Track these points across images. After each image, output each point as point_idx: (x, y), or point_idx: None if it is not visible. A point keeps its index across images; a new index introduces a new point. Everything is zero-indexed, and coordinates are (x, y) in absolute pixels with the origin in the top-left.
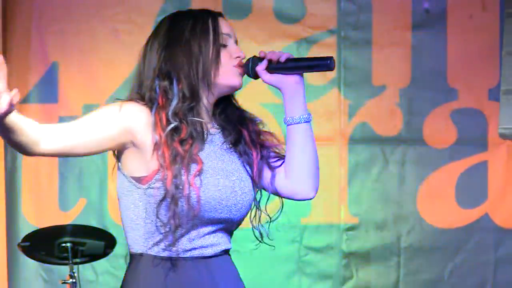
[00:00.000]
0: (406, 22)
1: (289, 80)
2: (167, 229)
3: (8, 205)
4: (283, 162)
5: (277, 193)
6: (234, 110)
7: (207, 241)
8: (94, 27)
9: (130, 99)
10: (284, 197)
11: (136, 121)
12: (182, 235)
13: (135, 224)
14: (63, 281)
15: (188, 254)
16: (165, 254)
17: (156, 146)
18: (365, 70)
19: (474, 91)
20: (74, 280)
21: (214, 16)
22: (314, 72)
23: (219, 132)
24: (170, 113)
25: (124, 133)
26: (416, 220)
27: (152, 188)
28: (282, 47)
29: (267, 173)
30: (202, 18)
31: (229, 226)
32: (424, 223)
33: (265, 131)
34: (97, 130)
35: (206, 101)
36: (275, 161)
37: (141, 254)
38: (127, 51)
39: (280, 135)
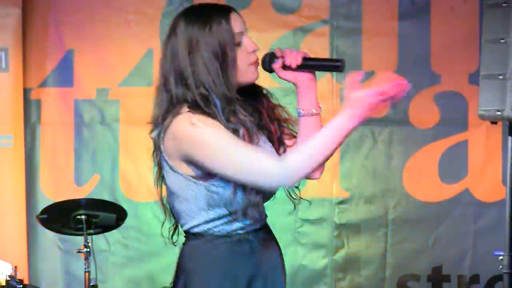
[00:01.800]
0: (393, 13)
1: (303, 77)
2: (234, 216)
3: (27, 181)
4: (294, 142)
5: None
6: (249, 88)
7: (256, 217)
8: (106, 17)
9: (187, 102)
10: None
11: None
12: (239, 216)
13: (196, 214)
14: (78, 250)
15: (245, 230)
16: (226, 231)
17: None
18: (355, 57)
19: (455, 76)
20: (88, 250)
21: (226, 14)
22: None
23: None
24: (221, 115)
25: None
26: (402, 195)
27: (214, 185)
28: (279, 35)
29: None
30: (217, 21)
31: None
32: (409, 197)
33: (278, 105)
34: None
35: (235, 94)
36: (288, 139)
37: (202, 234)
38: (136, 40)
39: None
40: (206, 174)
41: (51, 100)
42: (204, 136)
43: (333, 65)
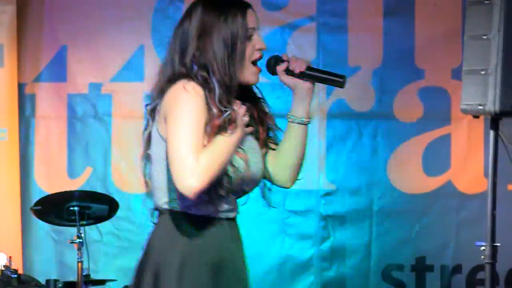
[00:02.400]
0: (378, 10)
1: (302, 85)
2: (212, 196)
3: (22, 173)
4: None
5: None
6: (245, 89)
7: (232, 206)
8: (99, 14)
9: (188, 76)
10: (264, 179)
11: (203, 111)
12: (218, 200)
13: (167, 189)
14: (71, 241)
15: (220, 215)
16: (201, 212)
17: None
18: (341, 53)
19: (439, 71)
20: (81, 240)
21: (243, 9)
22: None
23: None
24: (216, 101)
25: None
26: (386, 187)
27: None
28: (267, 31)
29: (268, 153)
30: (233, 13)
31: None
32: (394, 189)
33: (269, 113)
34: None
35: (236, 88)
36: (273, 145)
37: (177, 212)
38: (128, 36)
39: None
40: None
41: (45, 94)
42: (183, 98)
43: (335, 80)
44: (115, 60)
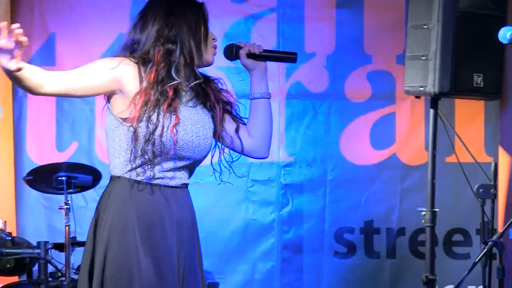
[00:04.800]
0: (331, 2)
1: (259, 66)
2: (144, 160)
3: (15, 147)
4: (238, 123)
5: (241, 151)
6: (200, 76)
7: (172, 174)
8: (83, 5)
9: (124, 55)
10: (244, 155)
11: (125, 73)
12: (154, 166)
13: (117, 152)
14: (60, 207)
15: (156, 181)
16: (138, 178)
17: (141, 93)
18: (299, 40)
19: (385, 57)
20: (68, 207)
21: (203, 6)
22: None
23: (189, 91)
24: (172, 70)
25: (115, 82)
26: (339, 159)
27: (133, 127)
28: (233, 21)
29: (230, 126)
30: (196, 6)
31: (191, 164)
32: (345, 161)
33: (224, 90)
34: (93, 78)
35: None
36: (232, 120)
37: (119, 177)
38: (110, 25)
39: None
40: (129, 116)
41: None
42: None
43: (288, 57)
44: (98, 46)
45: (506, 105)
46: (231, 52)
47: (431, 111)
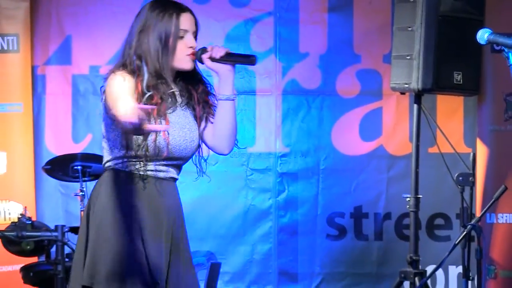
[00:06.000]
0: (324, 6)
1: (224, 68)
2: (137, 159)
3: (35, 139)
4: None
5: (206, 145)
6: (190, 76)
7: (162, 168)
8: (97, 9)
9: (122, 69)
10: (209, 149)
11: (130, 84)
12: (146, 163)
13: (115, 148)
14: (75, 194)
15: (148, 173)
16: (129, 169)
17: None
18: (294, 41)
19: (372, 56)
20: (83, 193)
21: (179, 12)
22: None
23: (179, 94)
24: (144, 86)
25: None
26: (330, 150)
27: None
28: (234, 24)
29: (203, 125)
30: (169, 14)
31: (179, 163)
32: (336, 152)
33: (211, 93)
34: (131, 95)
35: (169, 74)
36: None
37: (112, 168)
38: (121, 28)
39: None
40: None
41: (53, 75)
42: (111, 78)
43: (247, 60)
44: (110, 46)
45: (483, 100)
46: (197, 56)
47: (415, 106)
